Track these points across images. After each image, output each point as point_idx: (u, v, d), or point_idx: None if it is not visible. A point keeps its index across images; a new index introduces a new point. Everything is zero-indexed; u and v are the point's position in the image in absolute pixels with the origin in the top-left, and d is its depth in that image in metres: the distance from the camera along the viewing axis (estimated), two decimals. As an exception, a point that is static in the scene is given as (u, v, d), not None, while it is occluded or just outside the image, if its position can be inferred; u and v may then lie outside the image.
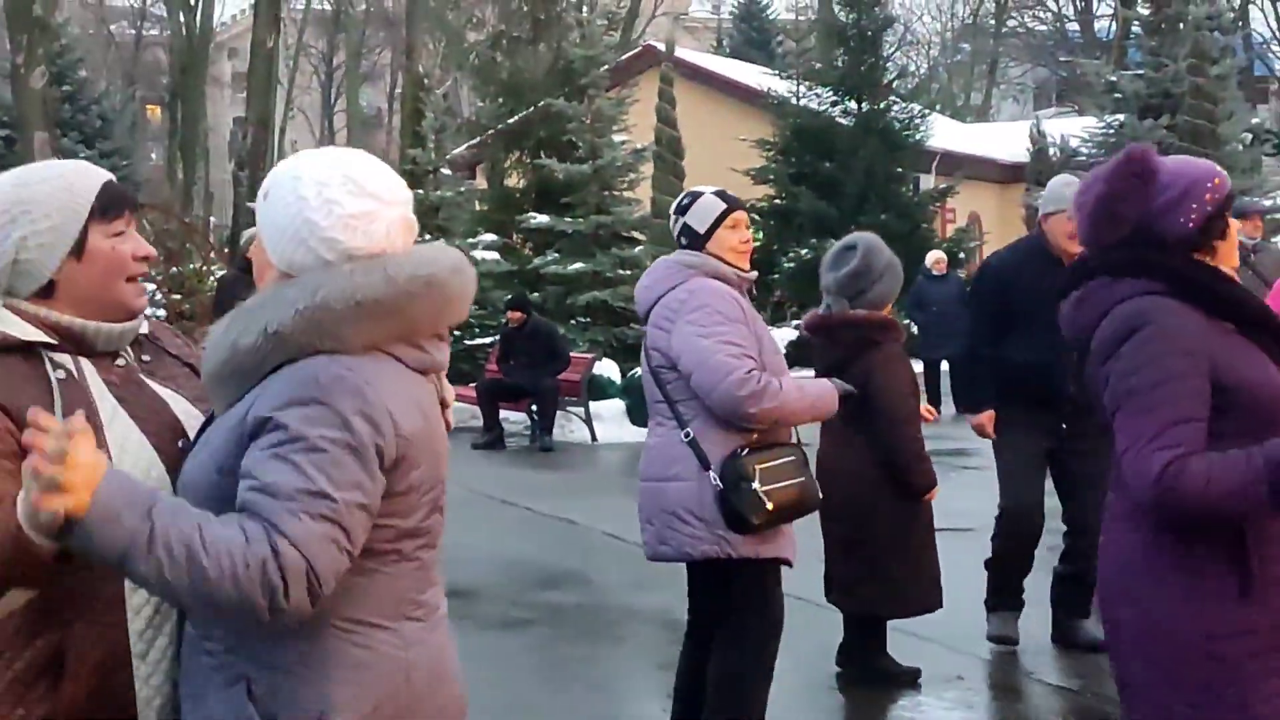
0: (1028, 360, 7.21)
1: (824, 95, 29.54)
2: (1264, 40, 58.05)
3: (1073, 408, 7.13)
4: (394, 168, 3.07)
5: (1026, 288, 7.25)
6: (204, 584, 2.39)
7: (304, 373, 2.57)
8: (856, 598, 6.76)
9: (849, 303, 6.55)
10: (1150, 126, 22.12)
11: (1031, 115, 42.46)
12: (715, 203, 5.35)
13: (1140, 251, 3.51)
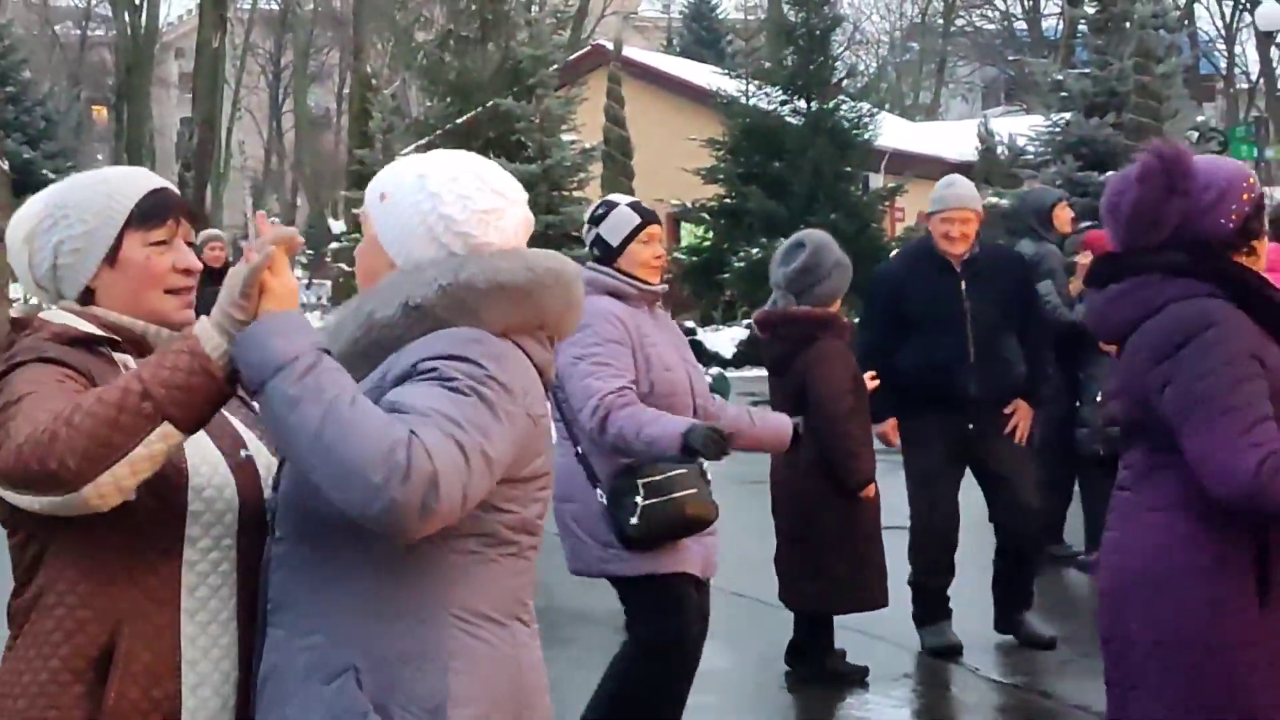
0: (928, 364, 7.21)
1: (773, 94, 29.54)
2: (1210, 39, 58.51)
3: (976, 407, 7.19)
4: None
5: (919, 292, 7.31)
6: (338, 429, 2.33)
7: (451, 334, 2.57)
8: (802, 594, 6.76)
9: (795, 299, 6.56)
10: (1096, 125, 22.20)
11: (980, 114, 42.66)
12: (630, 215, 5.21)
13: (1193, 252, 3.47)
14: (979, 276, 7.24)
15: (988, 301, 7.20)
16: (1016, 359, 7.28)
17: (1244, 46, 62.44)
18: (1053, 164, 22.26)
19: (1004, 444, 7.32)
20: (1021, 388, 7.34)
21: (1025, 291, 7.51)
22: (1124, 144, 20.54)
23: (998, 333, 7.22)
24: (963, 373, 7.15)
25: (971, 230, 7.25)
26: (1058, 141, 23.05)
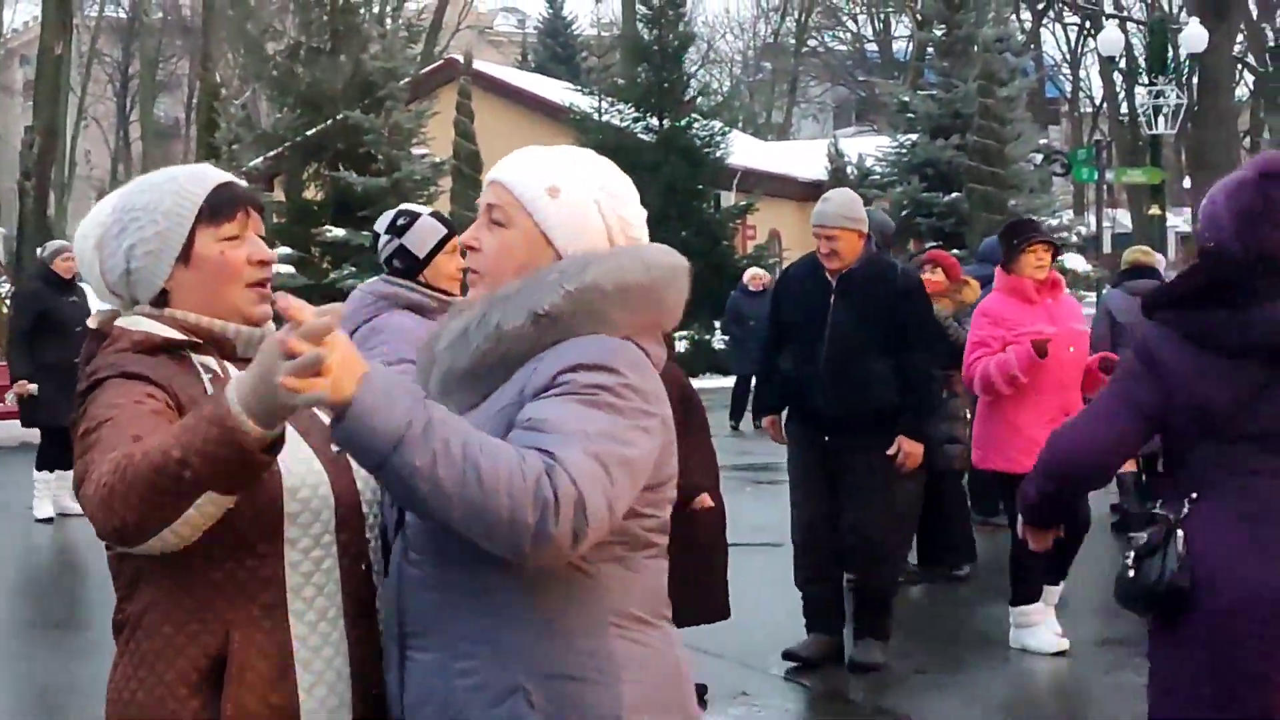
0: (789, 373, 7.38)
1: (626, 111, 29.63)
2: (1055, 63, 59.72)
3: (831, 422, 7.20)
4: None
5: (793, 301, 7.44)
6: (478, 485, 2.26)
7: (587, 342, 2.52)
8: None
9: None
10: (941, 146, 22.53)
11: (831, 134, 43.11)
12: (436, 226, 5.01)
13: None
14: (849, 293, 7.23)
15: (853, 318, 7.18)
16: (878, 380, 7.18)
17: (1088, 71, 63.94)
18: (899, 184, 22.55)
19: (858, 469, 7.26)
20: (881, 409, 7.21)
21: (901, 312, 7.30)
22: (968, 165, 20.84)
23: (859, 351, 7.16)
24: (813, 386, 7.19)
25: (841, 246, 7.21)
26: (904, 162, 23.39)
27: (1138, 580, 3.66)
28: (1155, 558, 3.63)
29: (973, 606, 8.94)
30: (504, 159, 2.78)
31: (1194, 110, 35.35)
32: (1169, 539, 3.63)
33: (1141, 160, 43.44)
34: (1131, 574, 3.68)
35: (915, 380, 7.29)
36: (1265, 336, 3.57)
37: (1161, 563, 3.62)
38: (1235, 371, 3.58)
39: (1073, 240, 23.81)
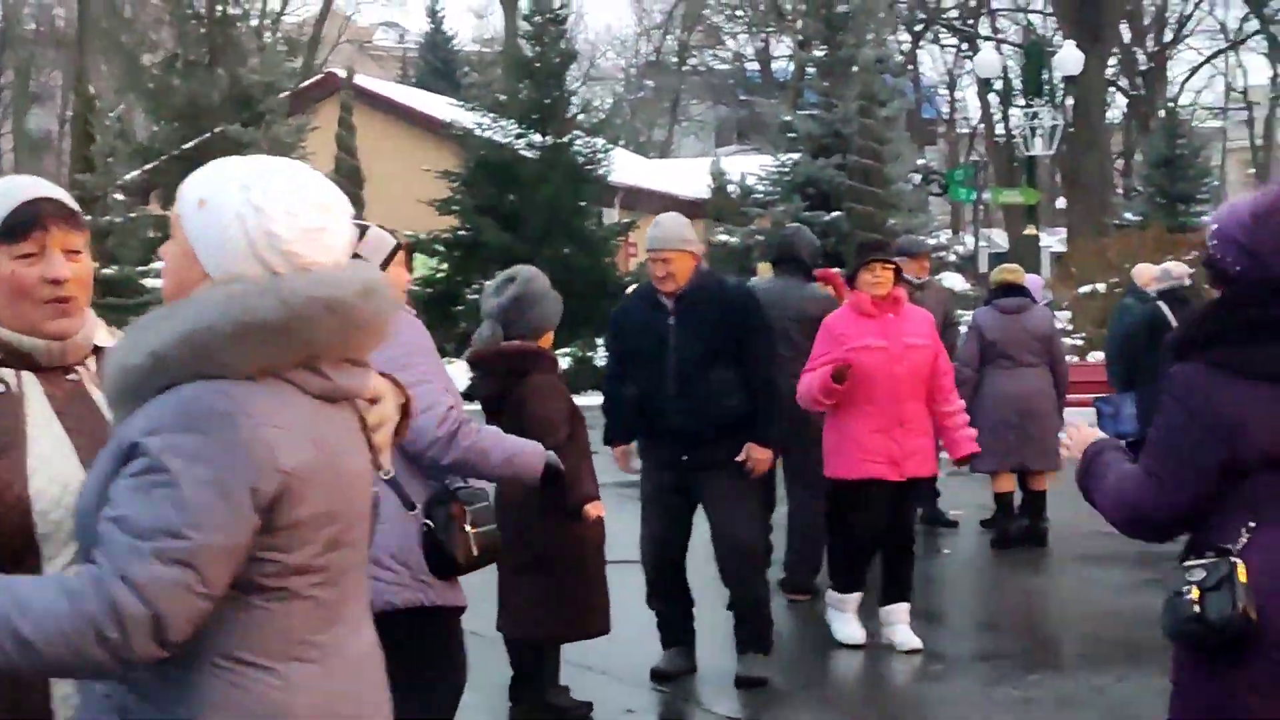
0: (638, 397, 7.44)
1: (509, 127, 29.59)
2: (932, 84, 60.48)
3: (688, 439, 7.28)
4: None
5: (634, 327, 7.53)
6: (34, 649, 2.29)
7: (176, 399, 2.41)
8: (526, 623, 6.70)
9: (504, 331, 6.56)
10: (822, 165, 22.73)
11: (713, 152, 43.32)
12: (386, 238, 5.05)
13: None
14: (688, 312, 7.33)
15: (694, 336, 7.30)
16: (727, 392, 7.31)
17: (965, 92, 64.84)
18: (781, 203, 22.70)
19: (718, 479, 7.37)
20: (735, 421, 7.34)
21: (743, 324, 7.44)
22: (849, 185, 21.04)
23: (703, 366, 7.28)
24: (665, 406, 7.30)
25: (676, 269, 7.31)
26: (786, 181, 23.55)
27: (1205, 616, 3.49)
28: (1222, 591, 3.48)
29: (864, 622, 8.99)
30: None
31: (1068, 132, 35.94)
32: (1234, 571, 3.50)
33: (1017, 180, 44.14)
34: (1197, 609, 3.50)
35: (761, 388, 7.43)
36: None
37: (1231, 597, 3.47)
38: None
39: (951, 259, 24.12)
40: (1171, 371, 3.63)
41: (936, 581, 10.82)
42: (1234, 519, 3.56)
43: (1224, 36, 61.77)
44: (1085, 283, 23.70)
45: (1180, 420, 3.59)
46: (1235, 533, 3.55)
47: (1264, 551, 3.51)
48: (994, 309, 11.26)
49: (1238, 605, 3.45)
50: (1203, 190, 32.23)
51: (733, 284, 7.96)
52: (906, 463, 8.09)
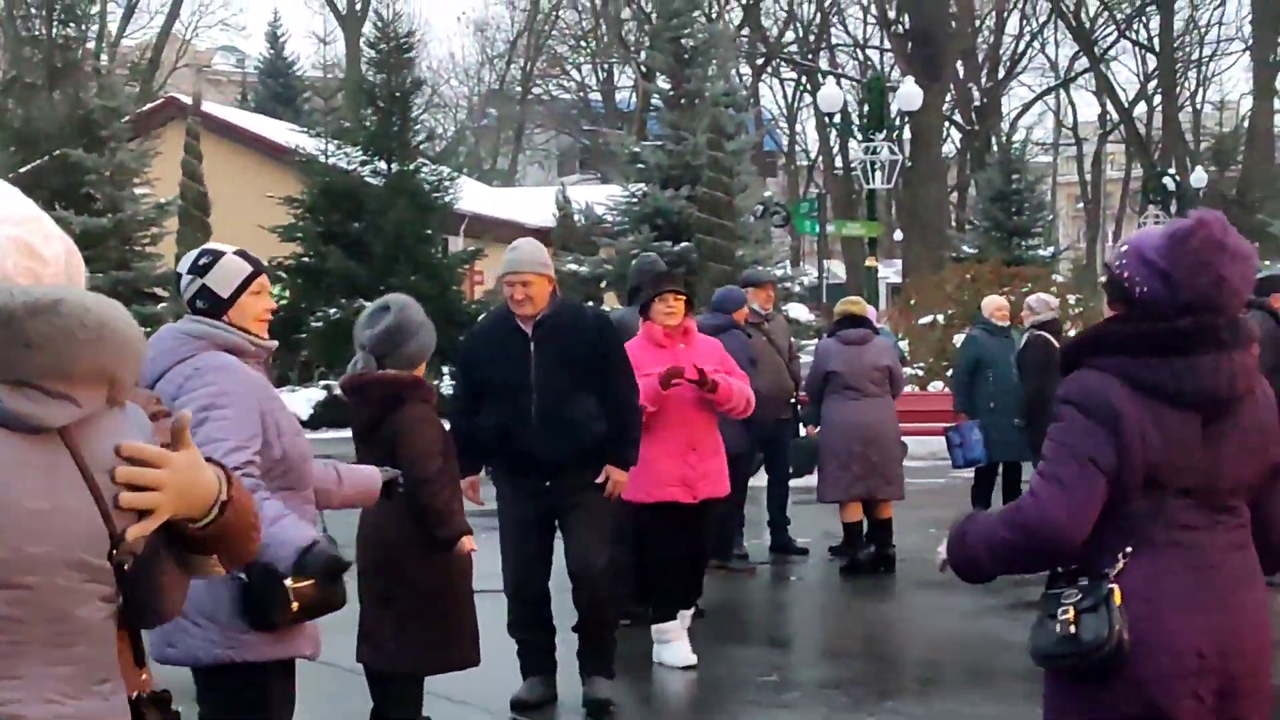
0: (497, 426, 7.34)
1: (353, 154, 29.40)
2: (773, 117, 61.23)
3: (551, 467, 7.29)
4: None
5: (491, 355, 7.46)
6: None
7: None
8: (390, 654, 6.67)
9: (378, 361, 6.51)
10: (671, 196, 22.91)
11: (556, 181, 43.44)
12: (241, 265, 4.77)
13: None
14: (548, 338, 7.32)
15: (555, 363, 7.29)
16: (590, 419, 7.34)
17: (804, 126, 65.77)
18: (630, 233, 22.84)
19: (578, 504, 7.40)
20: (598, 447, 7.39)
21: (599, 349, 7.46)
22: (698, 217, 21.23)
23: (566, 394, 7.29)
24: (528, 435, 7.25)
25: (535, 292, 7.28)
26: (635, 211, 23.67)
27: (1079, 637, 3.51)
28: (1099, 614, 3.50)
29: (717, 648, 9.09)
30: None
31: (906, 166, 36.62)
32: (1110, 595, 3.52)
33: (855, 213, 44.82)
34: (1072, 630, 3.52)
35: (621, 412, 7.48)
36: (1210, 388, 3.58)
37: (1108, 620, 3.50)
38: (1180, 423, 3.56)
39: (795, 290, 24.45)
40: (1070, 378, 3.65)
41: (787, 609, 10.99)
42: (1110, 544, 3.58)
43: (1055, 74, 63.43)
44: (924, 314, 24.13)
45: (1078, 421, 3.57)
46: (1111, 558, 3.57)
47: (1140, 578, 3.55)
48: (838, 340, 11.47)
49: (1113, 628, 3.48)
50: (1038, 225, 32.98)
51: (590, 310, 8.01)
52: (699, 485, 8.44)
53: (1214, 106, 66.35)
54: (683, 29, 25.08)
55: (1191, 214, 3.66)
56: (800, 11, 60.15)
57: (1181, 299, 3.56)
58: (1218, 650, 3.57)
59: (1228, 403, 3.61)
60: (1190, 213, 3.68)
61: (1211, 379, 3.57)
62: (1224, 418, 3.60)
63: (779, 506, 12.40)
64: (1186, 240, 3.57)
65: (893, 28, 50.11)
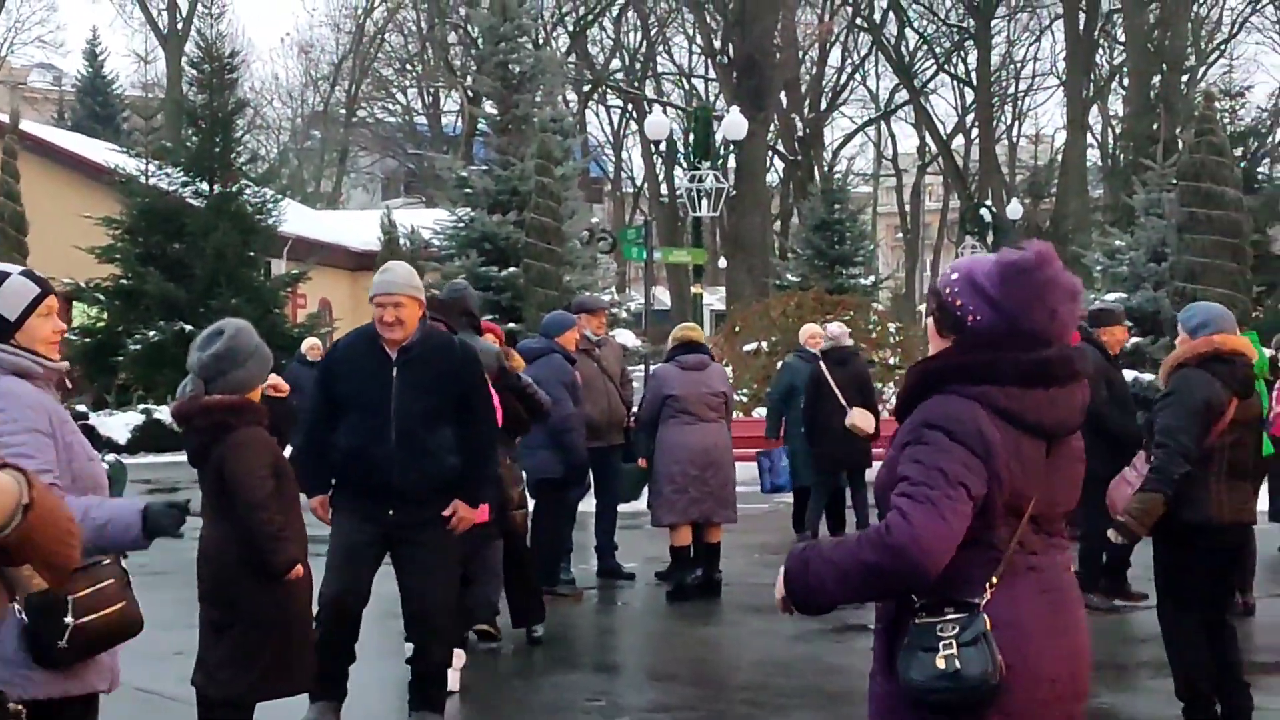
0: (352, 448, 7.22)
1: (174, 175, 28.94)
2: (599, 144, 61.47)
3: (399, 495, 7.17)
4: None
5: (352, 375, 7.31)
6: None
7: None
8: (222, 682, 6.58)
9: (207, 386, 6.43)
10: (499, 221, 22.90)
11: (381, 204, 43.13)
12: (27, 286, 4.56)
13: None
14: (412, 364, 7.20)
15: (418, 390, 7.18)
16: (445, 451, 7.25)
17: (630, 153, 66.16)
18: (456, 258, 22.77)
19: (420, 538, 7.28)
20: (451, 481, 7.29)
21: (463, 381, 7.38)
22: (525, 241, 21.25)
23: (425, 423, 7.19)
24: (384, 460, 7.13)
25: (407, 315, 7.16)
26: (461, 236, 23.61)
27: (962, 674, 3.45)
28: (979, 648, 3.46)
29: (546, 674, 9.10)
30: None
31: (731, 195, 37.00)
32: (987, 627, 3.49)
33: (679, 240, 45.14)
34: (957, 666, 3.44)
35: (478, 447, 7.40)
36: (1065, 418, 3.63)
37: (989, 654, 3.46)
38: (1033, 450, 3.58)
39: (622, 317, 24.54)
40: (929, 404, 3.60)
41: (614, 634, 11.02)
42: (977, 573, 3.54)
43: (875, 106, 64.62)
44: (748, 341, 24.39)
45: (947, 446, 3.50)
46: (979, 587, 3.54)
47: (1005, 606, 3.53)
48: (676, 365, 11.55)
49: (995, 660, 3.45)
50: (859, 254, 33.54)
51: (458, 341, 7.77)
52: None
53: (1029, 140, 68.12)
54: (510, 54, 25.10)
55: (1025, 246, 3.67)
56: (627, 40, 60.67)
57: (1014, 329, 3.57)
58: (1071, 672, 3.63)
59: (1069, 432, 3.68)
60: (1024, 244, 3.69)
61: (1068, 410, 3.62)
62: (1061, 445, 3.67)
63: (607, 532, 12.44)
64: (1021, 273, 3.59)
65: (718, 58, 50.65)
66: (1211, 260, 20.43)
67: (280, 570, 6.38)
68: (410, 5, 60.36)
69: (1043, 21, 58.99)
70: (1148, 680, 8.34)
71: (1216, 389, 7.18)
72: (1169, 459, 7.08)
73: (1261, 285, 29.72)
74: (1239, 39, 56.93)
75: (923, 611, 3.56)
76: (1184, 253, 20.84)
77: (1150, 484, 7.07)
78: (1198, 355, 7.25)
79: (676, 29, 58.88)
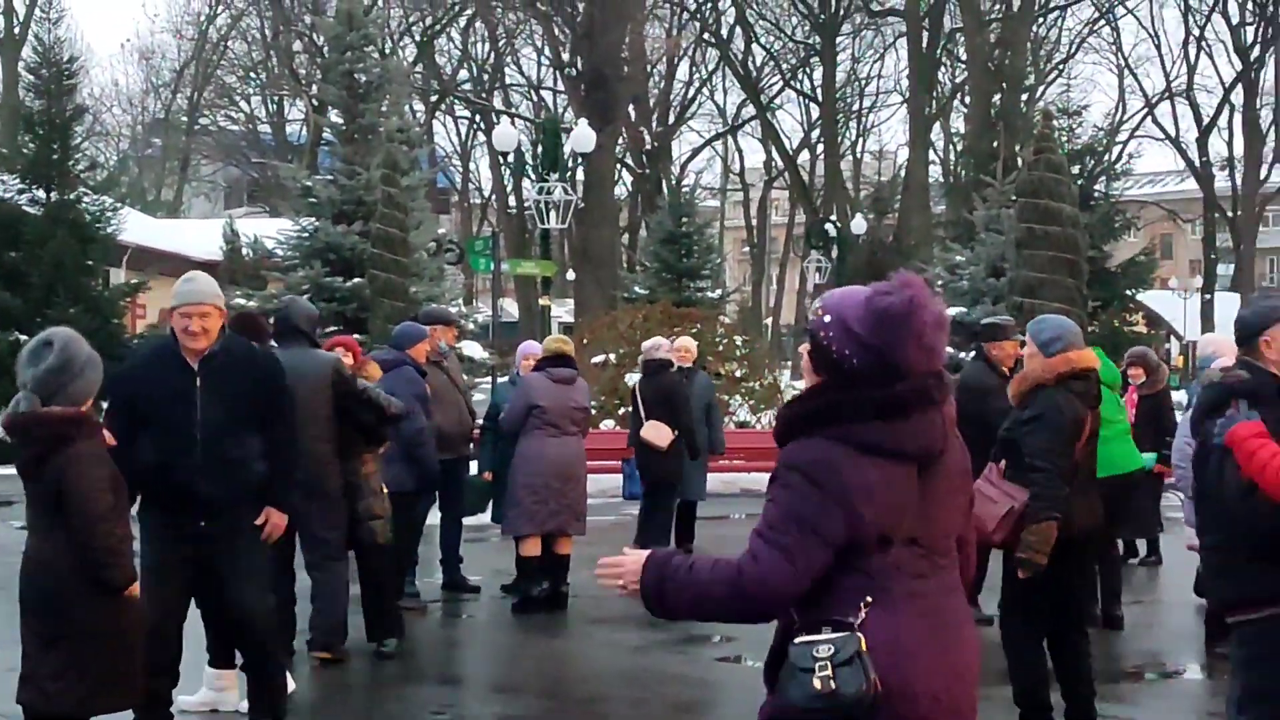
0: (157, 461, 7.09)
1: (10, 182, 28.30)
2: (447, 155, 61.28)
3: (207, 506, 7.10)
4: None
5: (154, 388, 7.20)
6: None
7: None
8: (51, 696, 6.44)
9: (42, 400, 6.28)
10: (344, 231, 22.70)
11: (223, 213, 42.64)
12: None
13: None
14: (216, 374, 7.14)
15: (222, 400, 7.13)
16: (252, 459, 7.23)
17: (478, 164, 66.04)
18: (300, 268, 22.53)
19: (234, 546, 7.21)
20: (260, 488, 7.28)
21: (266, 389, 7.37)
22: (371, 252, 21.10)
23: (231, 432, 7.14)
24: (189, 471, 7.05)
25: (210, 325, 7.11)
26: (305, 246, 23.37)
27: (839, 692, 3.56)
28: (854, 666, 3.57)
29: (390, 686, 9.03)
30: None
31: (579, 207, 37.06)
32: (861, 646, 3.59)
33: (528, 252, 45.13)
34: (833, 686, 3.56)
35: (283, 454, 7.41)
36: (927, 444, 3.73)
37: (864, 673, 3.57)
38: (903, 477, 3.69)
39: (470, 328, 24.46)
40: (792, 446, 3.73)
41: (459, 646, 10.97)
42: (851, 594, 3.66)
43: (723, 121, 65.16)
44: (596, 353, 24.43)
45: (805, 490, 3.65)
46: (854, 607, 3.65)
47: (881, 627, 3.63)
48: (547, 376, 11.50)
49: (870, 679, 3.55)
50: (706, 267, 33.75)
51: (260, 350, 7.83)
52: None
53: (873, 156, 69.17)
54: (356, 63, 24.92)
55: (896, 283, 3.76)
56: (475, 51, 60.53)
57: (891, 368, 3.70)
58: (949, 691, 3.71)
59: (939, 454, 3.78)
60: (895, 280, 3.77)
61: (927, 436, 3.74)
62: (934, 467, 3.76)
63: (452, 544, 12.38)
64: (893, 318, 3.70)
65: (566, 70, 50.72)
66: (1049, 275, 20.82)
67: (120, 584, 6.28)
68: (254, 13, 59.64)
69: (886, 39, 60.02)
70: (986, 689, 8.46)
71: (1077, 407, 7.34)
72: (1050, 482, 7.20)
73: (1097, 300, 30.44)
74: (1076, 59, 58.67)
75: (802, 631, 3.68)
76: (1022, 268, 21.22)
77: (1040, 513, 7.15)
78: (1057, 375, 7.37)
79: (525, 40, 58.90)
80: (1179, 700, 9.37)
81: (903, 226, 49.40)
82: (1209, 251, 58.57)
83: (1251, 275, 56.94)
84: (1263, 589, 5.47)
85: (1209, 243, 58.60)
